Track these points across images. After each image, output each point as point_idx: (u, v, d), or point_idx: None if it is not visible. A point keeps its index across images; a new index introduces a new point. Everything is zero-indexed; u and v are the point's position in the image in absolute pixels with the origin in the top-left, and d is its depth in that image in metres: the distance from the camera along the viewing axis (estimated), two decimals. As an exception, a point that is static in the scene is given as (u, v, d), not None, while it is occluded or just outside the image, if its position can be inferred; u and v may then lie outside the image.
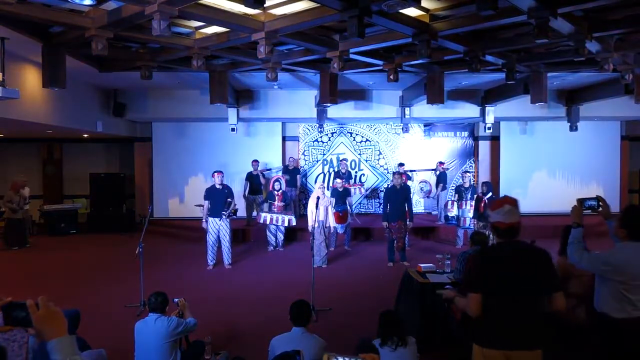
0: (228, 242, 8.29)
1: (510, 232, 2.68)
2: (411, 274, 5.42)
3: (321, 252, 8.34)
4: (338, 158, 12.75)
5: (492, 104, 10.96)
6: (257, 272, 8.09)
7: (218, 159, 11.89)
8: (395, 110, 11.43)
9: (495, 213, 2.71)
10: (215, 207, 8.17)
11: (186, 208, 12.06)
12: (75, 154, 13.52)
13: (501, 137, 12.78)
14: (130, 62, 7.80)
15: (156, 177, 12.57)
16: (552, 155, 12.77)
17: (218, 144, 12.38)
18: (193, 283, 7.42)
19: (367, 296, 6.69)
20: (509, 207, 2.68)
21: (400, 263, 8.36)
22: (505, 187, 12.45)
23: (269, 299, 6.60)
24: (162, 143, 12.49)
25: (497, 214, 2.70)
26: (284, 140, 12.83)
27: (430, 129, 13.09)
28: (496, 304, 2.63)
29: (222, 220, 8.16)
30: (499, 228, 2.70)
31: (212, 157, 12.18)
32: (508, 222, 2.66)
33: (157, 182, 12.56)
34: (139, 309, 5.91)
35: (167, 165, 12.50)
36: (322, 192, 8.43)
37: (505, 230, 2.68)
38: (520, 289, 2.60)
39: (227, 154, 12.23)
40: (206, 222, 8.21)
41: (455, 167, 13.03)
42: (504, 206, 2.69)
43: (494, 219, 2.72)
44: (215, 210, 8.15)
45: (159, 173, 12.54)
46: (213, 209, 8.18)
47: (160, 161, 12.53)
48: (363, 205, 13.10)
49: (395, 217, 8.25)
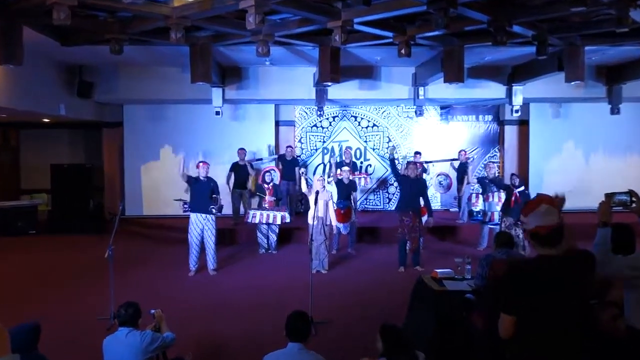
0: (213, 243, 8.33)
1: (553, 237, 2.63)
2: (425, 280, 5.43)
3: (321, 255, 8.35)
4: (341, 146, 12.78)
5: (520, 83, 10.97)
6: (247, 279, 8.09)
7: (201, 148, 11.82)
8: (407, 91, 11.45)
9: (531, 217, 2.65)
10: (198, 201, 8.20)
11: (164, 204, 12.06)
12: (34, 141, 13.52)
13: (530, 121, 12.80)
14: (98, 34, 7.79)
15: (128, 169, 12.58)
16: (590, 142, 12.81)
17: (201, 130, 12.40)
18: (172, 291, 7.43)
19: (373, 306, 6.68)
20: (546, 206, 2.64)
21: (413, 268, 8.39)
22: (535, 180, 12.49)
23: (260, 309, 6.60)
24: (135, 129, 12.50)
25: (534, 217, 2.64)
26: (278, 126, 12.86)
27: (447, 112, 13.09)
28: (535, 325, 2.61)
29: (208, 218, 8.19)
30: (540, 234, 2.63)
31: (193, 145, 12.11)
32: (549, 224, 2.61)
33: (130, 174, 12.58)
34: (109, 322, 5.94)
35: (141, 154, 12.52)
36: (322, 184, 8.46)
37: (548, 235, 2.62)
38: (565, 307, 2.58)
39: (212, 141, 12.24)
40: (185, 169, 8.17)
41: (478, 156, 13.07)
42: (540, 207, 2.64)
43: (531, 225, 2.66)
44: (199, 205, 8.18)
45: (131, 164, 12.56)
46: (196, 204, 8.21)
47: (133, 150, 12.53)
48: (370, 201, 13.15)
49: (407, 207, 8.33)
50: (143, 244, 10.66)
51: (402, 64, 10.45)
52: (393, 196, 12.91)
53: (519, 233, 8.26)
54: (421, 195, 8.46)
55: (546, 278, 2.59)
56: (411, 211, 8.34)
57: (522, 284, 2.61)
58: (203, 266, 8.41)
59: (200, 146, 11.92)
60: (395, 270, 8.44)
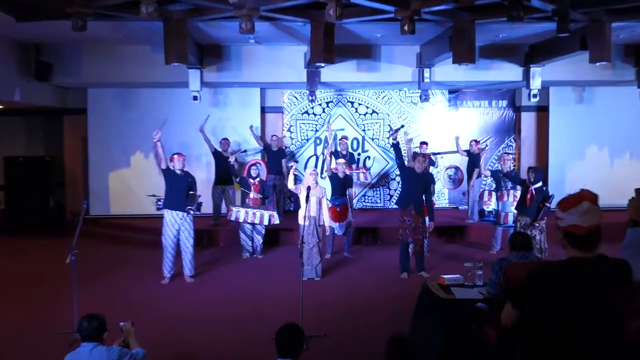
0: (191, 246, 8.31)
1: (590, 240, 2.62)
2: (431, 288, 5.43)
3: (313, 260, 8.32)
4: (335, 135, 12.76)
5: (538, 64, 10.95)
6: (228, 287, 8.09)
7: (176, 138, 11.74)
8: (410, 73, 11.39)
9: (568, 213, 2.64)
10: (174, 197, 8.16)
11: (134, 202, 12.04)
12: (-16, 131, 13.41)
13: (550, 107, 12.80)
14: (58, 8, 7.70)
15: (93, 162, 12.52)
16: (618, 131, 12.80)
17: (176, 117, 12.16)
18: (143, 302, 7.40)
19: (372, 318, 6.69)
20: (589, 204, 2.62)
21: (418, 274, 8.40)
22: (556, 175, 12.53)
23: (244, 322, 6.60)
24: (101, 116, 12.42)
25: (573, 214, 2.63)
26: (264, 113, 12.85)
27: (457, 97, 13.11)
28: (556, 336, 2.62)
29: (185, 217, 8.17)
30: (575, 234, 2.63)
31: (168, 135, 11.94)
32: (587, 225, 2.60)
33: (95, 168, 12.51)
34: (71, 336, 5.90)
35: (108, 145, 12.44)
36: (315, 179, 8.42)
37: (585, 237, 2.61)
38: (591, 319, 2.58)
39: (189, 130, 12.12)
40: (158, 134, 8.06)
41: (491, 147, 13.09)
42: (582, 203, 2.62)
43: (567, 222, 2.65)
44: (175, 202, 8.15)
45: (97, 156, 12.48)
46: (171, 200, 8.17)
47: (99, 140, 12.46)
48: (369, 198, 13.16)
49: (408, 205, 8.33)
50: (110, 248, 10.63)
51: (405, 42, 10.42)
52: (395, 192, 12.92)
53: (536, 234, 8.28)
54: (424, 193, 8.45)
55: (574, 284, 2.58)
56: (413, 209, 8.33)
57: (545, 288, 2.61)
58: (179, 272, 8.38)
59: (176, 136, 11.86)
60: (397, 276, 8.44)
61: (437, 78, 11.41)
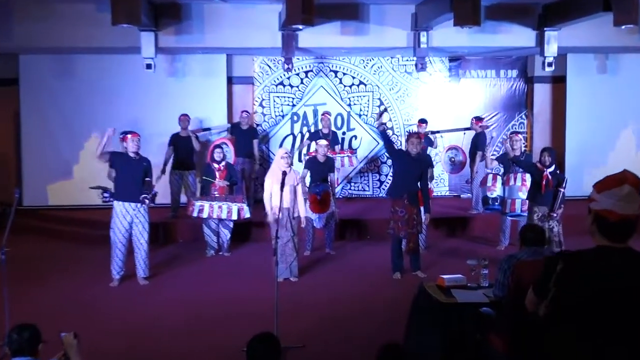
0: (146, 242, 8.27)
1: (624, 229, 2.64)
2: (429, 290, 5.43)
3: (288, 258, 8.33)
4: (316, 111, 12.76)
5: (554, 27, 10.98)
6: (189, 291, 8.06)
7: (126, 114, 11.71)
8: (404, 37, 11.37)
9: (604, 195, 2.66)
10: (128, 186, 8.07)
11: (77, 191, 11.91)
12: None
13: (568, 78, 12.85)
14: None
15: (27, 143, 12.41)
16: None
17: (126, 89, 12.25)
18: (88, 308, 7.34)
19: (359, 325, 6.67)
20: (630, 188, 2.62)
21: (413, 274, 8.40)
22: (574, 156, 12.62)
23: (209, 331, 6.58)
24: (36, 88, 12.30)
25: (610, 197, 2.64)
26: (231, 84, 12.81)
27: (458, 66, 13.13)
28: (590, 349, 2.63)
29: (139, 208, 8.12)
30: (607, 220, 2.64)
31: (116, 110, 11.98)
32: (623, 212, 2.61)
33: (29, 150, 12.41)
34: (1, 349, 5.86)
35: (45, 123, 12.33)
36: (288, 162, 8.32)
37: (617, 225, 2.63)
38: (619, 316, 2.60)
39: (142, 105, 12.10)
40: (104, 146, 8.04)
41: (498, 125, 13.14)
42: (623, 186, 2.63)
43: (601, 205, 2.66)
44: (128, 192, 8.07)
45: (31, 136, 12.37)
46: (123, 190, 8.10)
47: (34, 117, 12.34)
48: (355, 185, 13.18)
49: (400, 193, 8.33)
50: (49, 245, 10.58)
51: (399, 1, 10.43)
52: (387, 179, 12.93)
53: (553, 226, 8.35)
54: (420, 179, 8.41)
55: (601, 277, 2.61)
56: (406, 199, 8.29)
57: (570, 279, 2.65)
58: (131, 273, 8.33)
59: (126, 112, 11.78)
60: (388, 276, 8.44)
61: (436, 43, 11.41)
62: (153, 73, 11.28)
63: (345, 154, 11.89)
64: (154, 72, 11.25)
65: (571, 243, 7.00)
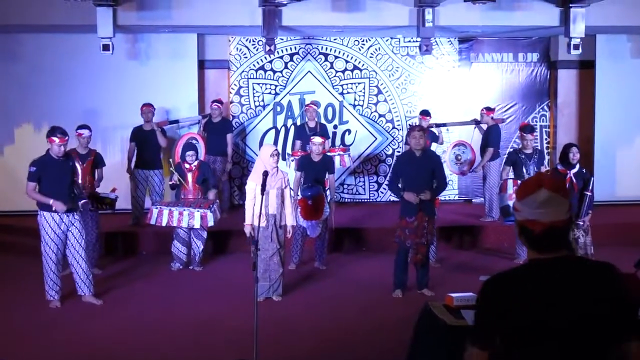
0: (83, 257, 8.09)
1: (552, 239, 2.69)
2: (435, 311, 5.39)
3: (272, 274, 8.25)
4: (303, 100, 12.61)
5: (582, 4, 10.88)
6: (152, 311, 7.95)
7: (81, 104, 11.74)
8: (406, 14, 11.30)
9: (523, 204, 2.74)
10: (57, 193, 7.95)
11: (15, 193, 11.59)
12: None
13: (597, 62, 12.83)
14: None
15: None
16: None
17: (79, 74, 12.18)
18: (27, 332, 7.28)
19: (353, 353, 6.68)
20: (548, 193, 2.69)
21: (418, 292, 8.37)
22: (603, 155, 12.63)
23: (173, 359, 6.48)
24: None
25: (527, 205, 2.72)
26: (202, 68, 12.74)
27: (470, 48, 13.11)
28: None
29: (74, 216, 7.99)
30: (532, 232, 2.72)
31: (68, 99, 12.03)
32: (547, 220, 2.67)
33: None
34: None
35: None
36: (274, 160, 8.19)
37: (542, 235, 2.69)
38: (572, 338, 2.65)
39: (98, 93, 12.08)
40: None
41: (517, 117, 13.05)
42: (539, 191, 2.70)
43: (522, 215, 2.73)
44: (59, 199, 7.91)
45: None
46: (53, 195, 7.94)
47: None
48: (348, 188, 13.05)
49: None
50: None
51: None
52: (386, 180, 12.73)
53: (579, 236, 8.30)
54: (434, 178, 8.27)
55: (533, 293, 2.66)
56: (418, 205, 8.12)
57: (498, 302, 2.71)
58: (72, 291, 8.16)
59: (80, 101, 11.74)
60: (388, 295, 8.38)
61: (443, 22, 11.33)
62: (111, 55, 11.20)
63: (336, 152, 11.55)
64: (112, 54, 11.16)
65: (602, 255, 6.94)
